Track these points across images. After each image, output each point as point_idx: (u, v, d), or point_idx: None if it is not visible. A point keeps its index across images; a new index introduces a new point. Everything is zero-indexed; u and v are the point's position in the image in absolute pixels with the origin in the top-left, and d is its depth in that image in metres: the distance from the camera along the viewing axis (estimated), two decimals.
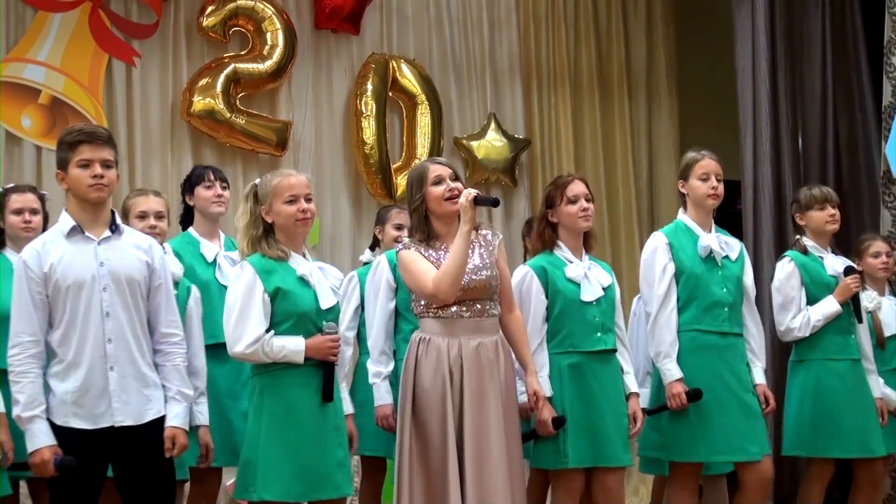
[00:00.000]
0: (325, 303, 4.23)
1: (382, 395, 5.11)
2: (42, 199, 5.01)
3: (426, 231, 4.42)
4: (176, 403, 4.01)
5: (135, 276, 3.95)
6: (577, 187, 4.85)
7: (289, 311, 4.18)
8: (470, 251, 4.36)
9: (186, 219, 5.24)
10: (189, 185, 5.22)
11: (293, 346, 4.14)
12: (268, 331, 4.15)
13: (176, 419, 3.99)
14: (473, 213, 4.30)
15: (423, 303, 4.39)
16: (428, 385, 4.30)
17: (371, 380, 5.17)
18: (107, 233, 3.95)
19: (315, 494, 4.14)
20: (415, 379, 4.34)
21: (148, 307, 4.01)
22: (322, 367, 4.18)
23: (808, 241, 5.62)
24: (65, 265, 3.86)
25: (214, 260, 5.08)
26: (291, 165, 7.47)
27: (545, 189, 5.06)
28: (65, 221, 3.95)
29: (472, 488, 4.22)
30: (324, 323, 4.21)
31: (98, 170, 3.88)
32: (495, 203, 4.50)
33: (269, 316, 4.17)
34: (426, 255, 4.38)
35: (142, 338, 3.96)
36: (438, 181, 4.38)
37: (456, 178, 4.42)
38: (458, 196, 4.34)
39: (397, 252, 4.47)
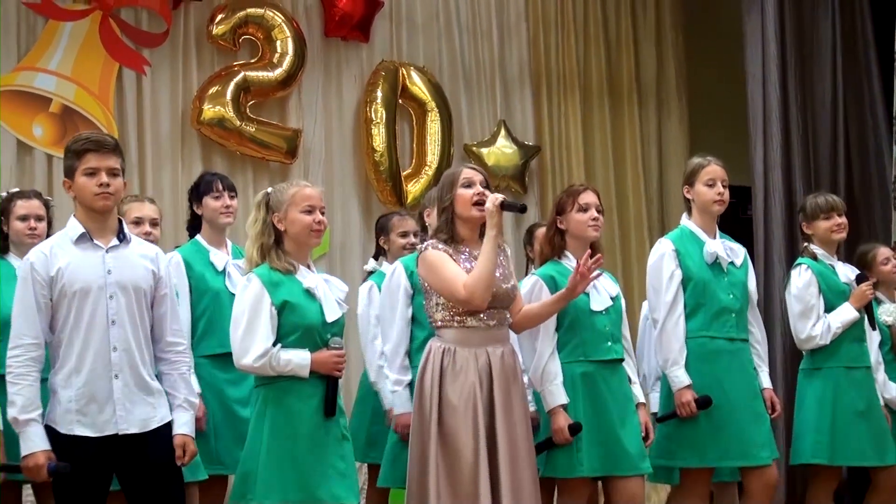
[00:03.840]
0: (331, 315, 4.21)
1: (404, 404, 5.00)
2: (47, 205, 5.01)
3: (451, 232, 4.40)
4: (184, 411, 4.02)
5: (141, 285, 3.94)
6: (588, 196, 4.85)
7: (295, 324, 4.16)
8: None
9: (194, 226, 5.20)
10: (197, 194, 5.16)
11: (299, 360, 4.13)
12: (275, 344, 4.15)
13: (184, 427, 4.00)
14: (500, 218, 4.29)
15: (446, 312, 4.34)
16: (457, 396, 4.25)
17: (391, 387, 5.10)
18: (114, 241, 3.95)
19: (313, 501, 4.10)
20: (440, 391, 4.28)
21: (153, 316, 4.00)
22: (325, 381, 4.17)
23: (816, 249, 5.60)
24: (72, 271, 3.84)
25: (224, 269, 5.06)
26: (301, 173, 7.50)
27: (556, 196, 5.05)
28: (73, 227, 3.93)
29: (508, 495, 4.20)
30: (329, 337, 4.19)
31: (104, 178, 3.86)
32: (523, 209, 4.48)
33: (276, 329, 4.16)
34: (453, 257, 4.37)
35: (144, 347, 3.95)
36: (468, 185, 4.38)
37: (487, 185, 4.41)
38: (484, 201, 4.32)
39: (422, 251, 4.39)
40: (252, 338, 4.12)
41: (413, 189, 7.79)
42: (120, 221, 4.02)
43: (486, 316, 4.32)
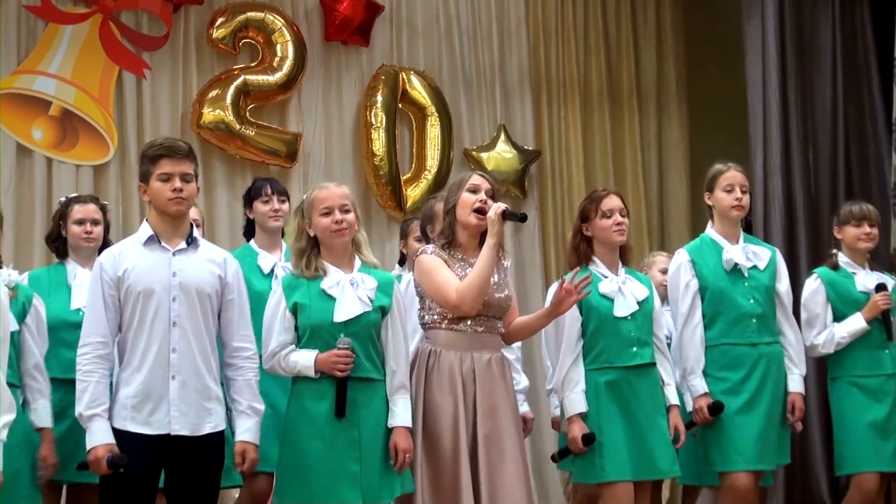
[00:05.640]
0: (341, 315, 4.22)
1: None
2: (104, 209, 5.09)
3: (451, 236, 4.42)
4: (247, 418, 4.09)
5: (205, 289, 4.02)
6: (612, 201, 4.85)
7: (304, 325, 4.24)
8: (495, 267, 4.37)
9: (249, 231, 5.33)
10: (248, 199, 5.31)
11: (304, 361, 4.18)
12: (294, 344, 4.23)
13: (247, 433, 4.07)
14: (501, 227, 4.30)
15: (436, 314, 4.39)
16: (439, 399, 4.31)
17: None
18: (182, 244, 4.05)
19: (321, 501, 4.13)
20: (425, 392, 4.34)
21: (220, 321, 4.08)
22: (336, 382, 4.18)
23: (841, 257, 5.58)
24: (138, 272, 3.96)
25: (272, 271, 5.12)
26: (301, 177, 7.50)
27: (581, 203, 5.03)
28: (144, 231, 4.06)
29: (487, 501, 4.22)
30: (341, 336, 4.21)
31: (178, 183, 3.99)
32: (523, 218, 4.48)
33: (290, 330, 4.25)
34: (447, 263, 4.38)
35: (209, 351, 4.02)
36: (473, 190, 4.40)
37: (493, 195, 4.41)
38: (485, 209, 4.33)
39: (417, 256, 4.44)
40: (267, 339, 4.25)
41: (413, 193, 7.79)
42: (191, 226, 4.12)
43: (474, 322, 4.36)
